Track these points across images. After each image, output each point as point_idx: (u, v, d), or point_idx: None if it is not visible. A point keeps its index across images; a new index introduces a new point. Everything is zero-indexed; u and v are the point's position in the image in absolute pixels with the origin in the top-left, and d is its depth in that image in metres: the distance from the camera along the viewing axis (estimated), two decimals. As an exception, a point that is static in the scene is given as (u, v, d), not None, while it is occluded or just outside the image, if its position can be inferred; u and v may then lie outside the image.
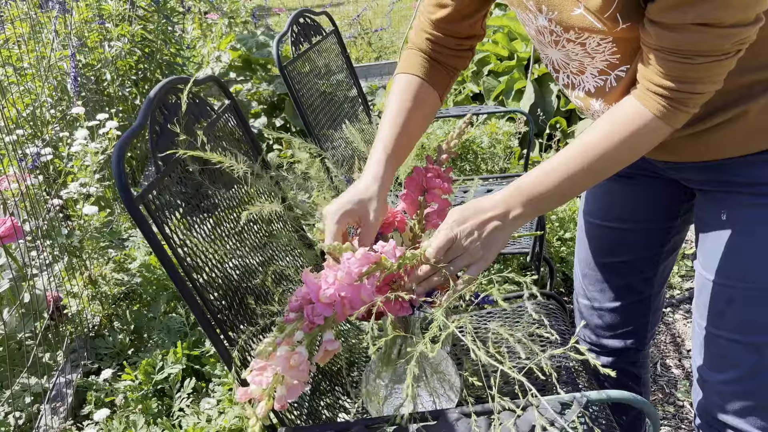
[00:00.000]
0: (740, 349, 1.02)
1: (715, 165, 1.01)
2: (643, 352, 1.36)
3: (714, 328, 1.05)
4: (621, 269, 1.26)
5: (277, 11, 6.24)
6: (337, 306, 0.86)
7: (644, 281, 1.27)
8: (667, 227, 1.22)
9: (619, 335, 1.33)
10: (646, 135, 0.89)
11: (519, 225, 0.94)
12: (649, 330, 1.34)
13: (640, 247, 1.24)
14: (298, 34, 1.99)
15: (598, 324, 1.34)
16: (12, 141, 1.98)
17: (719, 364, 1.05)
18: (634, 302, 1.29)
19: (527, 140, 2.95)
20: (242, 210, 1.17)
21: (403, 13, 6.74)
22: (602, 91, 0.99)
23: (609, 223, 1.24)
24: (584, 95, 1.02)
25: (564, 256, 2.45)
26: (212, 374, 1.79)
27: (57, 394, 1.79)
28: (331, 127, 1.98)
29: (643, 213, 1.21)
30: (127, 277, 2.13)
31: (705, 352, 1.08)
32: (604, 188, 1.22)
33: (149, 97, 0.97)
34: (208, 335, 0.94)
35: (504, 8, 4.38)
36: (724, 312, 1.03)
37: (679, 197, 1.17)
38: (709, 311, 1.05)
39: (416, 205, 1.03)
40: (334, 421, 1.15)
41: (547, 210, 1.05)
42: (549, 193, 0.93)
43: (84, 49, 2.99)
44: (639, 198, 1.20)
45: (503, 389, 0.84)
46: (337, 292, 0.85)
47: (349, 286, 0.86)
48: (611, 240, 1.25)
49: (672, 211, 1.20)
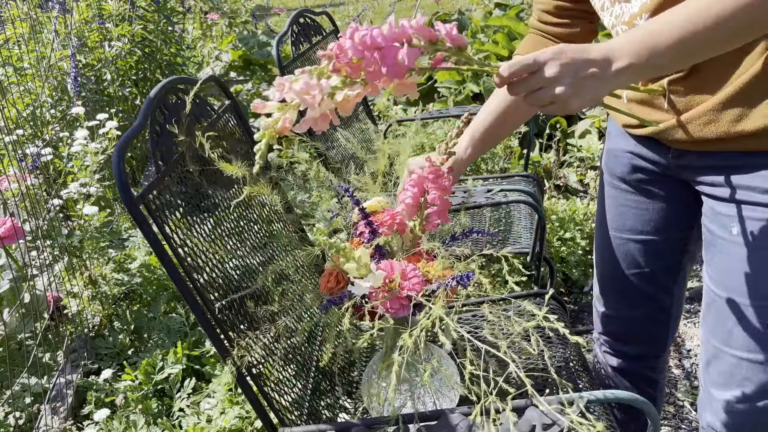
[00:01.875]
0: (749, 367, 1.00)
1: (739, 157, 0.96)
2: (662, 357, 1.35)
3: (723, 345, 1.03)
4: (641, 280, 1.24)
5: (277, 11, 6.25)
6: (369, 57, 0.77)
7: (664, 290, 1.25)
8: (685, 236, 1.19)
9: (639, 342, 1.32)
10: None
11: (620, 82, 0.83)
12: (669, 337, 1.32)
13: (657, 258, 1.22)
14: (299, 34, 1.99)
15: (617, 332, 1.33)
16: (12, 141, 1.98)
17: (727, 382, 1.04)
18: (655, 311, 1.27)
19: (527, 140, 2.94)
20: (242, 210, 1.17)
21: (403, 14, 6.74)
22: (646, 6, 0.93)
23: (625, 234, 1.22)
24: (629, 18, 0.96)
25: (564, 256, 2.45)
26: (212, 374, 1.79)
27: (57, 394, 1.79)
28: (331, 126, 1.98)
29: (660, 224, 1.18)
30: (127, 277, 2.13)
31: (713, 368, 1.06)
32: (621, 201, 1.21)
33: (149, 97, 0.97)
34: (208, 335, 0.94)
35: (504, 8, 4.38)
36: (733, 329, 1.01)
37: (694, 205, 1.14)
38: (718, 327, 1.03)
39: (417, 206, 1.03)
40: (334, 421, 1.15)
41: (663, 70, 0.87)
42: (664, 49, 0.80)
43: (84, 49, 2.99)
44: (655, 209, 1.17)
45: (503, 389, 0.84)
46: (375, 39, 0.77)
47: (389, 44, 0.77)
48: (630, 252, 1.23)
49: (687, 222, 1.17)
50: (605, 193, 1.25)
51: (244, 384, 0.97)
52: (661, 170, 1.12)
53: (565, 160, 3.23)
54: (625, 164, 1.17)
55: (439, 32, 0.81)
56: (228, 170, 0.99)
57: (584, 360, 1.28)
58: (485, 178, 2.18)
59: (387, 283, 0.92)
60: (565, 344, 1.29)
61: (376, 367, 1.09)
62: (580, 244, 2.45)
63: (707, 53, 0.84)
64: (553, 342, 1.28)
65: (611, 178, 1.22)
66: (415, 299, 0.92)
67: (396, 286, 0.89)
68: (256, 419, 1.58)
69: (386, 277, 0.93)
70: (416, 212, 1.03)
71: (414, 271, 0.96)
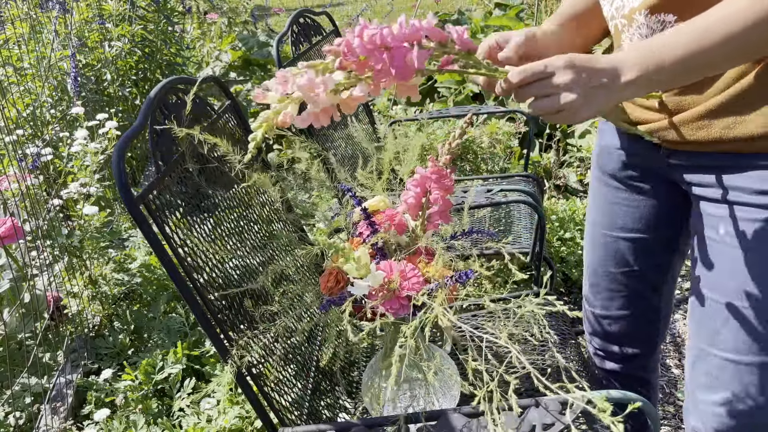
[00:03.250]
0: (736, 369, 0.99)
1: (731, 158, 0.96)
2: (653, 356, 1.35)
3: (708, 346, 1.02)
4: (631, 278, 1.24)
5: (277, 11, 6.25)
6: (377, 56, 0.76)
7: (654, 289, 1.25)
8: (675, 235, 1.19)
9: (629, 342, 1.32)
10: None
11: (628, 94, 0.83)
12: (660, 335, 1.32)
13: (647, 257, 1.22)
14: (298, 34, 1.99)
15: (607, 332, 1.33)
16: (12, 141, 1.98)
17: (712, 384, 1.03)
18: (645, 310, 1.27)
19: (527, 140, 2.95)
20: (242, 210, 1.17)
21: (402, 13, 6.73)
22: (647, 2, 0.93)
23: (615, 232, 1.22)
24: (628, 11, 0.96)
25: (564, 256, 2.45)
26: (212, 374, 1.79)
27: (57, 394, 1.79)
28: (331, 126, 1.98)
29: (651, 222, 1.18)
30: (127, 277, 2.13)
31: (698, 370, 1.05)
32: (611, 199, 1.21)
33: (149, 97, 0.97)
34: (208, 335, 0.94)
35: (504, 8, 4.38)
36: (719, 330, 1.00)
37: (683, 206, 1.14)
38: (704, 328, 1.02)
39: (419, 206, 1.03)
40: (334, 421, 1.15)
41: (664, 86, 0.87)
42: (672, 64, 0.80)
43: (84, 49, 2.99)
44: (646, 207, 1.17)
45: (503, 389, 0.84)
46: (385, 38, 0.76)
47: (398, 44, 0.76)
48: (621, 250, 1.23)
49: (677, 221, 1.17)
50: (596, 190, 1.25)
51: (244, 384, 0.97)
52: (652, 168, 1.12)
53: (565, 160, 3.23)
54: (616, 161, 1.17)
55: (450, 34, 0.80)
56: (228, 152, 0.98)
57: (584, 360, 1.28)
58: (485, 178, 2.18)
59: (386, 283, 0.92)
60: (565, 345, 1.29)
61: (376, 367, 1.09)
62: (580, 244, 2.45)
63: (713, 71, 0.84)
64: (553, 343, 1.28)
65: (602, 175, 1.22)
66: (415, 299, 0.92)
67: (396, 286, 0.89)
68: (256, 419, 1.58)
69: (386, 278, 0.93)
70: (418, 212, 1.03)
71: (413, 270, 0.96)
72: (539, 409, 0.86)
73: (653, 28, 0.93)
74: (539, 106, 0.82)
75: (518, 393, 0.80)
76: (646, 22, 0.94)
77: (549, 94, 0.81)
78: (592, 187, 1.27)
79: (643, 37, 0.96)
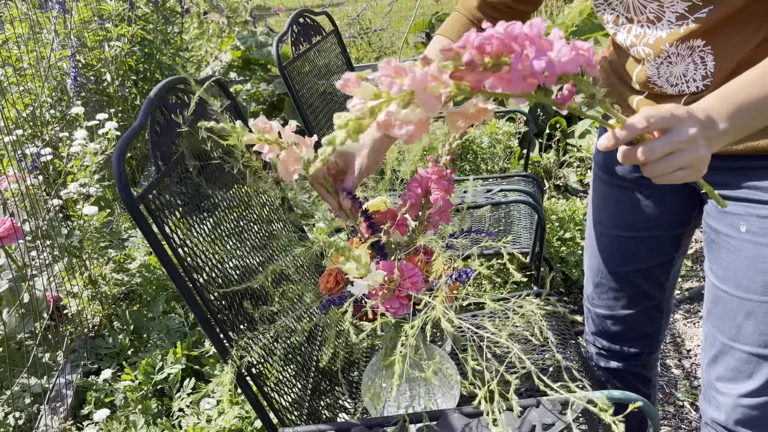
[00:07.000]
0: (759, 362, 1.01)
1: (746, 160, 0.97)
2: (654, 354, 1.35)
3: (731, 341, 1.04)
4: (635, 277, 1.25)
5: (277, 11, 6.25)
6: (518, 51, 0.62)
7: (657, 287, 1.26)
8: (679, 233, 1.20)
9: (632, 341, 1.32)
10: None
11: (721, 143, 0.79)
12: (661, 333, 1.33)
13: (654, 255, 1.22)
14: (298, 34, 1.99)
15: (611, 331, 1.33)
16: (12, 141, 1.98)
17: (735, 377, 1.04)
18: (648, 308, 1.28)
19: (527, 140, 2.95)
20: (242, 210, 1.17)
21: (402, 14, 6.73)
22: (676, 34, 0.93)
23: (621, 232, 1.22)
24: (654, 41, 0.97)
25: (564, 256, 2.45)
26: (212, 374, 1.79)
27: (57, 395, 1.79)
28: (330, 127, 1.98)
29: (655, 221, 1.18)
30: (127, 277, 2.13)
31: (720, 364, 1.07)
32: (617, 198, 1.21)
33: (149, 97, 0.97)
34: (208, 335, 0.94)
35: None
36: (742, 325, 1.01)
37: (691, 203, 1.15)
38: (726, 324, 1.04)
39: (418, 206, 1.03)
40: (334, 421, 1.15)
41: (756, 126, 0.82)
42: (763, 101, 0.78)
43: (84, 49, 2.98)
44: (651, 206, 1.18)
45: (503, 389, 0.84)
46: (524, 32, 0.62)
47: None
48: (625, 249, 1.23)
49: (684, 218, 1.18)
50: (599, 190, 1.25)
51: (244, 384, 0.97)
52: None
53: (565, 160, 3.23)
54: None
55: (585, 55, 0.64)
56: (228, 165, 0.98)
57: (584, 360, 1.28)
58: (485, 178, 2.18)
59: (386, 283, 0.92)
60: (565, 345, 1.29)
61: (376, 367, 1.09)
62: (580, 244, 2.45)
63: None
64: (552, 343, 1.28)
65: (607, 175, 1.21)
66: (414, 298, 0.92)
67: (395, 286, 0.89)
68: (256, 419, 1.58)
69: (386, 277, 0.93)
70: (418, 212, 1.03)
71: (413, 270, 0.96)
72: (540, 408, 0.86)
73: (683, 55, 0.95)
74: (659, 168, 0.74)
75: (518, 393, 0.80)
76: (677, 51, 0.95)
77: (673, 151, 0.73)
78: (594, 187, 1.27)
79: (673, 65, 0.96)
